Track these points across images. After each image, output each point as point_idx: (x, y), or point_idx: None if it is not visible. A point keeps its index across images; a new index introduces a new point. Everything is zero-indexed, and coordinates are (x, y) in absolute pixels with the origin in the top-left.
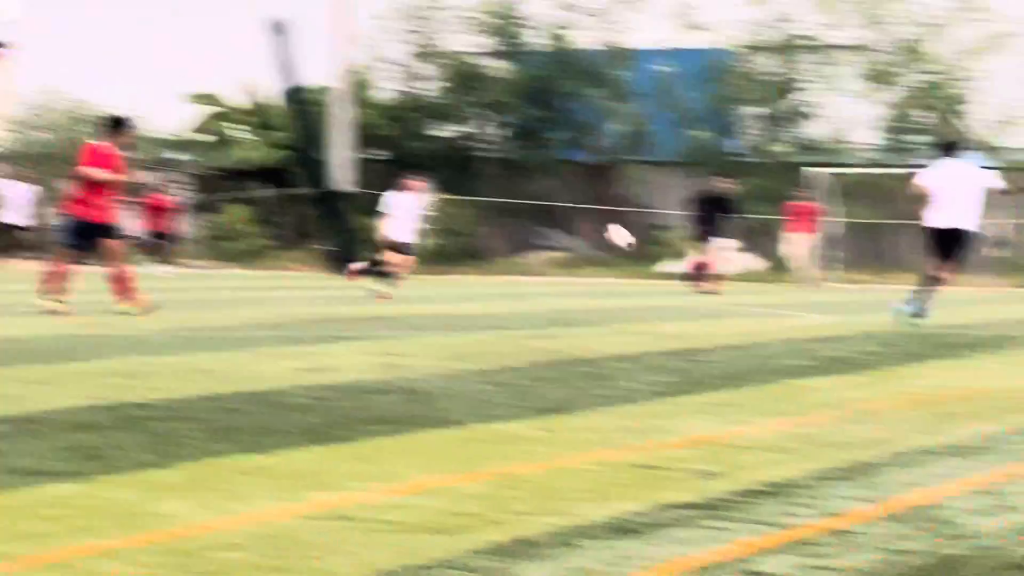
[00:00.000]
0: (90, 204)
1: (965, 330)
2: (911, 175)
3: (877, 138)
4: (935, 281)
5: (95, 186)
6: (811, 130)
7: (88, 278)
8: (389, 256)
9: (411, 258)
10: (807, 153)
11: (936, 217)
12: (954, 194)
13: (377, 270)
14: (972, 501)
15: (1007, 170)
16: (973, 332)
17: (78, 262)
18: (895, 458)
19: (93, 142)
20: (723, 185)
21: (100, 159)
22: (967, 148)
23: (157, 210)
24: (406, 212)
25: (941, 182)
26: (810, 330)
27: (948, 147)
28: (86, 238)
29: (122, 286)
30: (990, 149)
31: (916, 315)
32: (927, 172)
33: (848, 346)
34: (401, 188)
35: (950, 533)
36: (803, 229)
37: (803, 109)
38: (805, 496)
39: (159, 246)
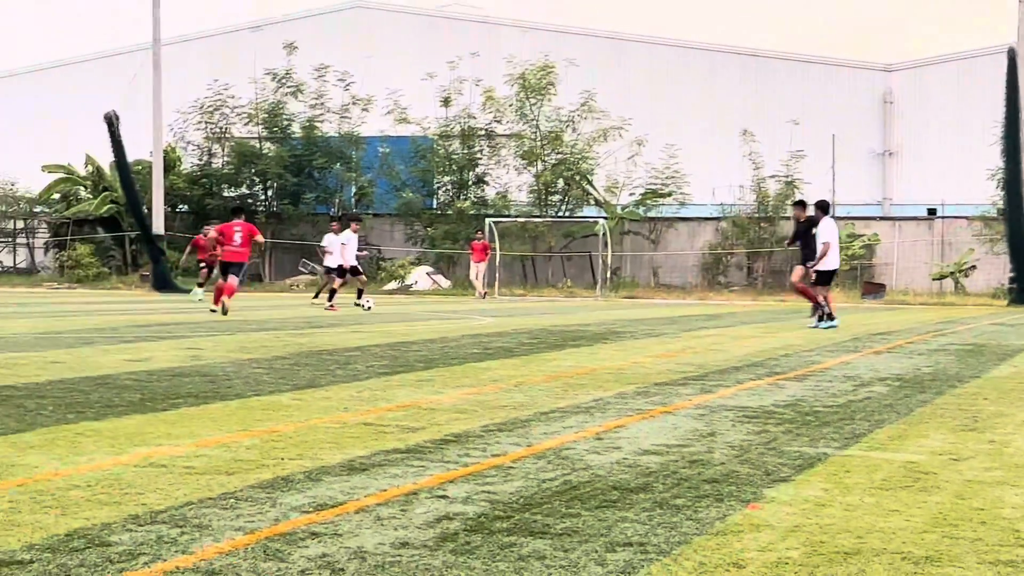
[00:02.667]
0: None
1: (588, 328)
2: (552, 222)
3: (527, 197)
4: (826, 302)
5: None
6: (485, 192)
7: None
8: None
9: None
10: (482, 207)
11: (829, 262)
12: (836, 244)
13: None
14: (589, 444)
15: (618, 218)
16: (593, 329)
17: None
18: (539, 416)
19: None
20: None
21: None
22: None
23: None
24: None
25: (833, 236)
26: (484, 329)
27: (826, 207)
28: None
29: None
30: (605, 204)
31: (831, 325)
32: (827, 232)
33: (509, 339)
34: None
35: (575, 466)
36: (479, 259)
37: (479, 178)
38: (478, 443)
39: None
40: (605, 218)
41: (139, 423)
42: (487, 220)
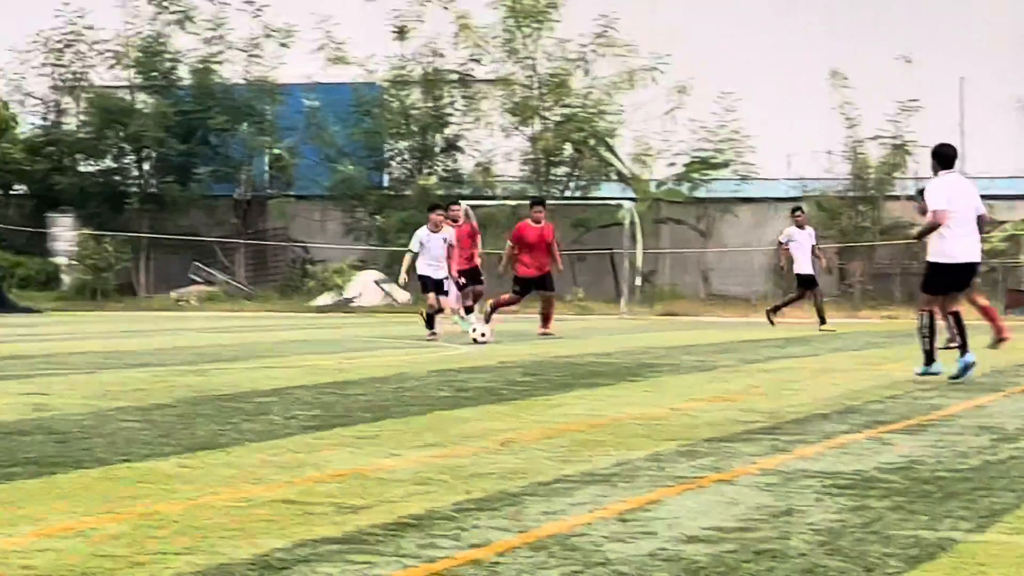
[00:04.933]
0: None
1: (608, 359)
2: (556, 206)
3: (520, 170)
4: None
5: None
6: (458, 162)
7: None
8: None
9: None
10: (455, 185)
11: (951, 249)
12: (964, 219)
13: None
14: (609, 528)
15: (651, 199)
16: (616, 361)
17: None
18: (537, 487)
19: None
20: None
21: None
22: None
23: None
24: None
25: (951, 204)
26: (459, 360)
27: (948, 159)
28: None
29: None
30: (633, 179)
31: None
32: (936, 193)
33: (495, 376)
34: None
35: (589, 561)
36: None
37: (450, 142)
38: (449, 527)
39: None
40: (633, 199)
41: None
42: (463, 203)
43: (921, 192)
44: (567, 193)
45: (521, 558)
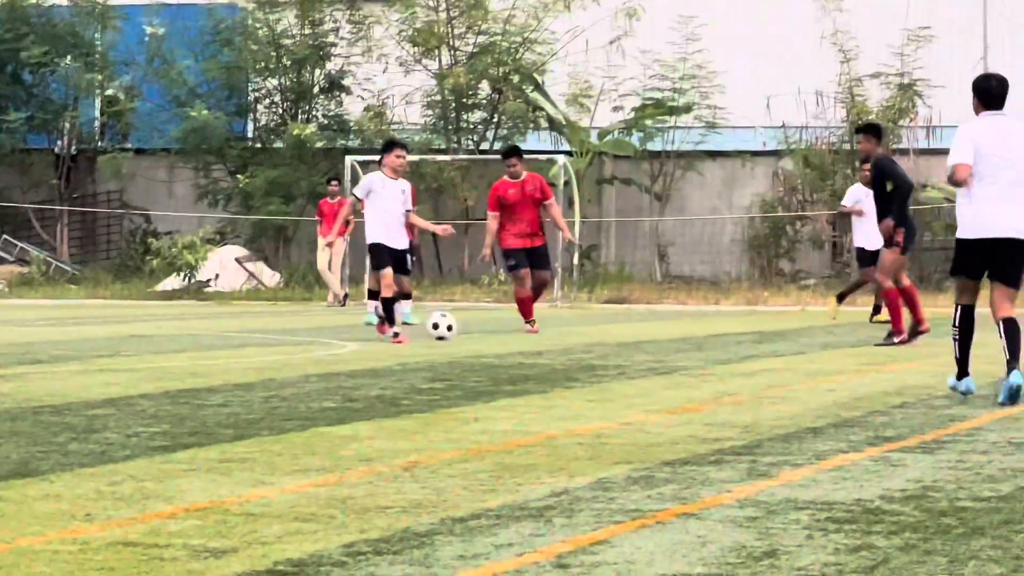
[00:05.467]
0: None
1: (538, 359)
2: (469, 162)
3: (423, 116)
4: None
5: None
6: (344, 106)
7: None
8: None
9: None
10: (339, 136)
11: (978, 218)
12: (1000, 177)
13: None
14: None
15: (592, 154)
16: (548, 362)
17: None
18: (451, 524)
19: None
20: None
21: None
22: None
23: None
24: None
25: (985, 157)
26: (345, 362)
27: (991, 96)
28: None
29: None
30: (569, 127)
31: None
32: (960, 140)
33: (393, 382)
34: None
35: None
36: (335, 233)
37: (332, 80)
38: None
39: None
40: (568, 153)
41: None
42: (348, 159)
43: (866, 128)
44: (484, 145)
45: None
